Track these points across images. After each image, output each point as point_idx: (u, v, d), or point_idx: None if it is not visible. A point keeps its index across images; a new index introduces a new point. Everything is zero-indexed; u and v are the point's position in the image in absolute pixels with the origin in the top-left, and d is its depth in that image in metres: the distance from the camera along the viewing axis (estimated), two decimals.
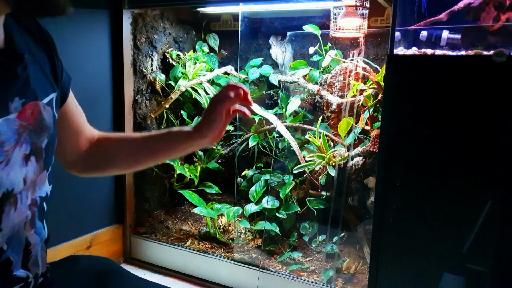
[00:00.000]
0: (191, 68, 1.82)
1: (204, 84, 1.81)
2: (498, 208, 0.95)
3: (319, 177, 1.53)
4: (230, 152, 1.87)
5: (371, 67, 1.55)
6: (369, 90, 1.44)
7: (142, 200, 1.91)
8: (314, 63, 1.72)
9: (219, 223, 1.80)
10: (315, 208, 1.57)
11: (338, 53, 1.65)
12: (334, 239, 1.59)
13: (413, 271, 1.05)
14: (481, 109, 0.94)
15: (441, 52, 1.04)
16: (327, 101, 1.61)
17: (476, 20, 1.03)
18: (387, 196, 1.05)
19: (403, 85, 1.02)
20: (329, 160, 1.48)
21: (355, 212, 1.60)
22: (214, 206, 1.73)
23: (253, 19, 1.87)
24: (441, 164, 0.99)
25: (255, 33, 1.89)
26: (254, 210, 1.64)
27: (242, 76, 1.80)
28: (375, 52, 1.69)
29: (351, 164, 1.46)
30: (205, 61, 1.85)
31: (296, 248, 1.65)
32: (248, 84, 1.80)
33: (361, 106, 1.48)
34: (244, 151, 1.82)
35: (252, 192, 1.67)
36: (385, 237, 1.07)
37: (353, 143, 1.49)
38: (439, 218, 1.01)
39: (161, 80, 1.86)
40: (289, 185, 1.62)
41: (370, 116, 1.43)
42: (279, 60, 1.78)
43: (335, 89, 1.61)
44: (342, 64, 1.60)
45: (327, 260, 1.61)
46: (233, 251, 1.70)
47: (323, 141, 1.49)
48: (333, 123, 1.60)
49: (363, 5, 1.39)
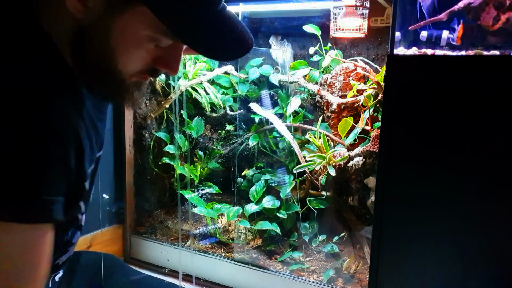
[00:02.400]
0: (191, 68, 1.82)
1: (204, 83, 1.81)
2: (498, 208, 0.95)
3: (319, 177, 1.53)
4: (230, 152, 1.87)
5: (371, 67, 1.55)
6: (369, 90, 1.44)
7: (142, 200, 1.91)
8: (314, 63, 1.73)
9: (219, 223, 1.80)
10: (315, 208, 1.57)
11: (338, 53, 1.65)
12: (334, 239, 1.59)
13: (413, 271, 1.05)
14: (481, 109, 0.94)
15: (441, 52, 1.04)
16: (327, 101, 1.61)
17: (476, 20, 1.03)
18: (387, 196, 1.06)
19: (403, 85, 1.02)
20: (329, 160, 1.48)
21: (355, 212, 1.60)
22: (214, 206, 1.73)
23: (253, 19, 1.87)
24: (441, 164, 0.99)
25: (255, 33, 1.89)
26: (254, 210, 1.64)
27: (242, 76, 1.80)
28: (375, 52, 1.69)
29: (351, 164, 1.46)
30: (205, 61, 1.85)
31: (296, 248, 1.65)
32: (248, 84, 1.80)
33: (361, 106, 1.48)
34: (244, 151, 1.82)
35: (252, 192, 1.67)
36: (385, 237, 1.07)
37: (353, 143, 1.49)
38: (439, 218, 1.01)
39: (161, 80, 1.86)
40: (289, 185, 1.62)
41: (370, 116, 1.43)
42: (279, 60, 1.78)
43: (335, 89, 1.61)
44: (342, 64, 1.60)
45: (327, 260, 1.61)
46: (233, 251, 1.70)
47: (323, 141, 1.49)
48: (333, 123, 1.60)
49: (363, 5, 1.39)
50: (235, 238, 1.76)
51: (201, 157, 1.87)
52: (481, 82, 0.94)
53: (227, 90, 1.87)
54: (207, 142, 1.92)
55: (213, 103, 1.83)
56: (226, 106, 1.85)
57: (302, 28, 1.65)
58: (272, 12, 1.82)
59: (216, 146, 1.89)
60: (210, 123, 1.93)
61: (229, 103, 1.85)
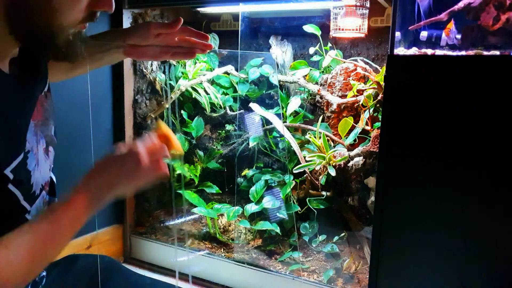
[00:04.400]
0: (191, 68, 1.82)
1: (204, 83, 1.81)
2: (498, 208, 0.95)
3: (319, 177, 1.53)
4: (230, 152, 1.87)
5: (371, 67, 1.55)
6: (369, 90, 1.44)
7: (142, 200, 1.91)
8: (314, 63, 1.73)
9: (219, 223, 1.80)
10: (315, 208, 1.57)
11: (338, 53, 1.65)
12: (334, 239, 1.59)
13: (414, 271, 1.05)
14: (481, 109, 0.94)
15: (441, 52, 1.03)
16: (327, 101, 1.61)
17: (476, 20, 1.03)
18: (387, 196, 1.05)
19: (403, 85, 1.02)
20: (329, 160, 1.48)
21: (355, 212, 1.60)
22: (214, 206, 1.73)
23: (253, 19, 1.87)
24: (442, 164, 0.99)
25: (255, 33, 1.89)
26: (254, 210, 1.64)
27: (242, 76, 1.80)
28: (375, 52, 1.69)
29: (351, 164, 1.46)
30: (205, 61, 1.85)
31: (296, 248, 1.65)
32: (248, 84, 1.80)
33: (361, 106, 1.48)
34: (244, 151, 1.82)
35: (252, 192, 1.67)
36: (385, 237, 1.07)
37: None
38: (439, 218, 1.01)
39: (161, 80, 1.86)
40: (289, 185, 1.62)
41: (370, 116, 1.43)
42: (279, 60, 1.78)
43: (336, 89, 1.61)
44: (342, 64, 1.60)
45: (327, 260, 1.61)
46: (233, 251, 1.70)
47: (323, 141, 1.49)
48: (333, 123, 1.60)
49: (363, 5, 1.39)
50: (235, 238, 1.76)
51: (201, 157, 1.87)
52: (481, 82, 0.94)
53: (227, 90, 1.87)
54: (207, 142, 1.92)
55: (213, 103, 1.83)
56: (226, 106, 1.85)
57: (302, 28, 1.65)
58: (272, 12, 1.82)
59: (216, 146, 1.89)
60: (210, 123, 1.93)
61: (229, 103, 1.85)
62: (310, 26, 1.64)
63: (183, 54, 0.87)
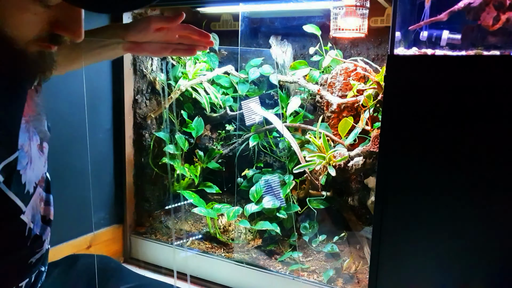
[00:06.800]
0: (191, 68, 1.82)
1: (204, 84, 1.81)
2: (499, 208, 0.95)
3: (319, 177, 1.53)
4: (230, 152, 1.87)
5: (371, 67, 1.55)
6: (369, 90, 1.44)
7: (142, 200, 1.91)
8: (314, 63, 1.73)
9: (219, 223, 1.80)
10: (315, 208, 1.57)
11: (338, 53, 1.65)
12: (334, 239, 1.59)
13: (413, 271, 1.05)
14: (481, 109, 0.94)
15: (442, 52, 1.03)
16: (327, 101, 1.61)
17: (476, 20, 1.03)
18: (387, 196, 1.05)
19: (403, 85, 1.02)
20: (329, 160, 1.48)
21: (355, 212, 1.60)
22: (214, 206, 1.73)
23: (253, 19, 1.87)
24: (441, 164, 0.99)
25: (255, 33, 1.89)
26: (254, 210, 1.64)
27: (242, 76, 1.80)
28: (375, 52, 1.69)
29: (351, 164, 1.46)
30: (205, 61, 1.85)
31: (296, 248, 1.65)
32: (248, 84, 1.80)
33: (361, 106, 1.48)
34: (244, 151, 1.82)
35: (252, 192, 1.67)
36: (385, 237, 1.07)
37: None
38: (439, 218, 1.01)
39: (161, 80, 1.86)
40: (289, 185, 1.62)
41: (370, 116, 1.43)
42: (279, 60, 1.78)
43: (336, 89, 1.60)
44: (342, 64, 1.60)
45: (327, 260, 1.61)
46: (233, 251, 1.70)
47: (323, 141, 1.49)
48: (334, 123, 1.60)
49: (363, 5, 1.39)
50: (235, 238, 1.76)
51: (201, 157, 1.87)
52: (481, 82, 0.94)
53: (227, 90, 1.87)
54: (207, 142, 1.92)
55: (213, 103, 1.83)
56: (226, 106, 1.85)
57: (302, 28, 1.65)
58: (272, 12, 1.82)
59: (216, 146, 1.89)
60: (210, 123, 1.93)
61: (229, 103, 1.85)
62: (310, 26, 1.64)
63: (184, 51, 0.86)
